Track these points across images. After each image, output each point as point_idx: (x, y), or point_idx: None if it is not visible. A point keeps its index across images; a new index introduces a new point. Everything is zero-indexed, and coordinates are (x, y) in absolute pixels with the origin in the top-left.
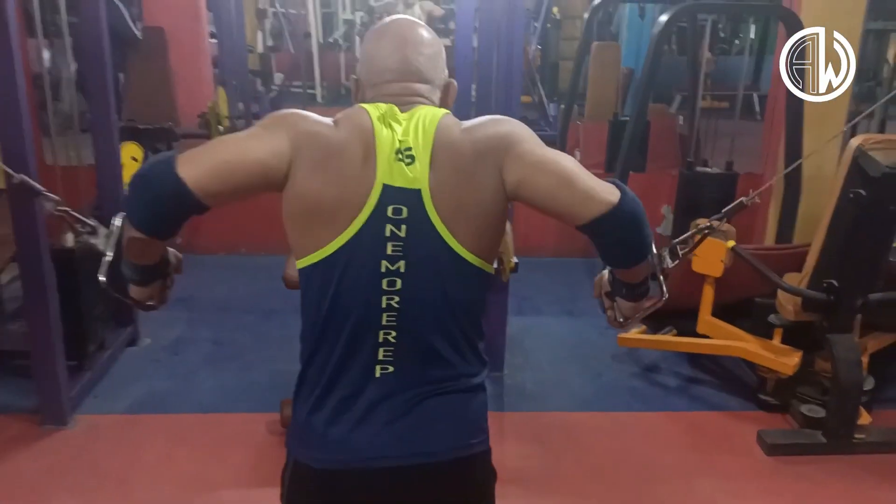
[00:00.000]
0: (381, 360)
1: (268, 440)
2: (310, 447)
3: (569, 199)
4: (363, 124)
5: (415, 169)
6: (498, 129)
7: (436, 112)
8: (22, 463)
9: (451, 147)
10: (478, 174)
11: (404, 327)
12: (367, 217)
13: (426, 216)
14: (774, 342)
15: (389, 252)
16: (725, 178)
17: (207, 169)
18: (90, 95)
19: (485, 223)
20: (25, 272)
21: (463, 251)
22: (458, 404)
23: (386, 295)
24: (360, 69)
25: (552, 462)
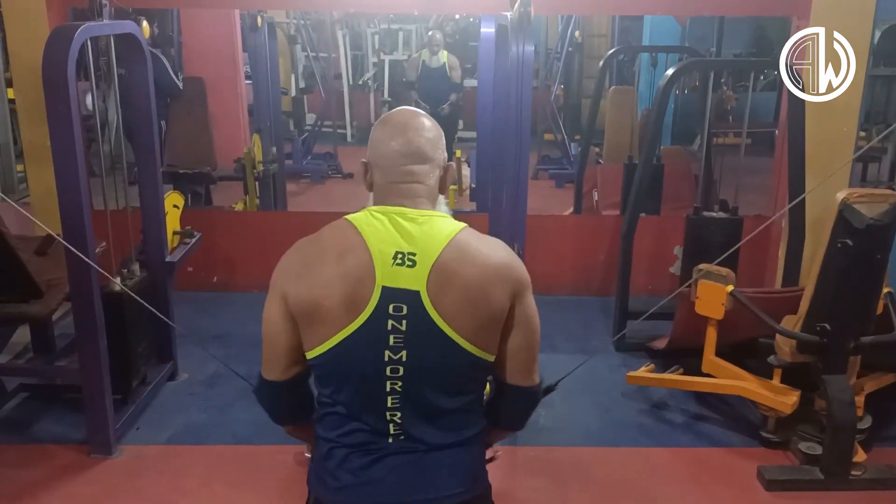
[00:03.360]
0: (389, 434)
1: (295, 471)
2: (327, 488)
3: (518, 359)
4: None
5: (414, 272)
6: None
7: (455, 226)
8: (73, 489)
9: (464, 261)
10: (489, 289)
11: (408, 406)
12: (370, 314)
13: (426, 313)
14: (774, 382)
15: (392, 343)
16: (730, 222)
17: (274, 365)
18: (137, 146)
19: (487, 323)
20: (78, 312)
21: (462, 341)
22: (458, 456)
23: (390, 380)
24: (369, 153)
25: (559, 495)
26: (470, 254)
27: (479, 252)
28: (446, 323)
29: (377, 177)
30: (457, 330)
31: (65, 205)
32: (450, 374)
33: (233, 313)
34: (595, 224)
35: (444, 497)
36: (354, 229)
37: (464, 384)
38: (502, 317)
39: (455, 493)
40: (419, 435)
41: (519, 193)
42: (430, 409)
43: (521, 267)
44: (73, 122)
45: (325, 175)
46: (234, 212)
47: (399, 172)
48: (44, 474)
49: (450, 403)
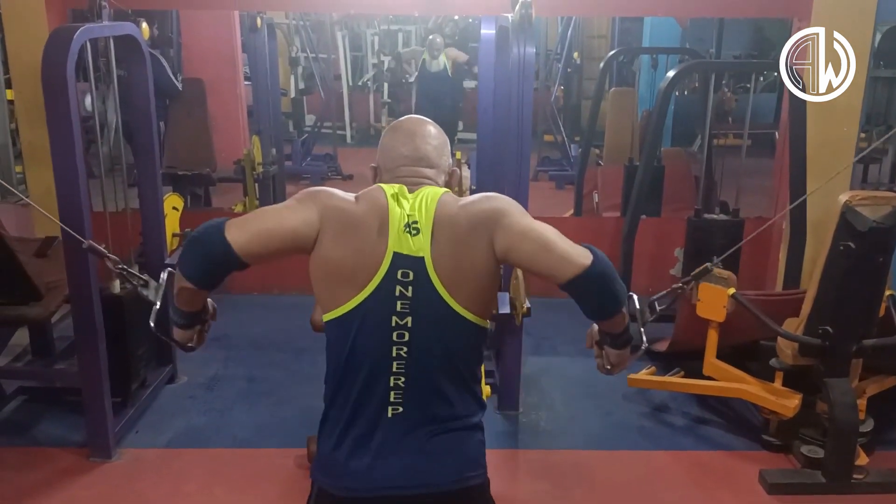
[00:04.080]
0: (392, 402)
1: (296, 474)
2: (333, 477)
3: (548, 262)
4: (379, 201)
5: (419, 239)
6: (490, 204)
7: (437, 191)
8: (72, 493)
9: (449, 221)
10: (472, 243)
11: (412, 374)
12: (381, 279)
13: (429, 279)
14: (776, 385)
15: (399, 309)
16: (731, 224)
17: (250, 234)
18: (136, 147)
19: (479, 285)
20: (77, 315)
21: (460, 309)
22: (460, 442)
23: (396, 345)
24: (378, 158)
25: (560, 499)
26: (454, 211)
27: (461, 207)
28: (445, 289)
29: (386, 179)
30: (454, 296)
31: (64, 206)
32: (448, 342)
33: (232, 315)
34: (596, 226)
35: (446, 483)
36: (385, 198)
37: (462, 354)
38: (490, 268)
39: (456, 479)
40: (420, 407)
41: (520, 195)
42: (432, 381)
43: (495, 200)
44: (72, 124)
45: (325, 176)
46: (233, 213)
47: (407, 172)
48: (43, 477)
49: (451, 373)
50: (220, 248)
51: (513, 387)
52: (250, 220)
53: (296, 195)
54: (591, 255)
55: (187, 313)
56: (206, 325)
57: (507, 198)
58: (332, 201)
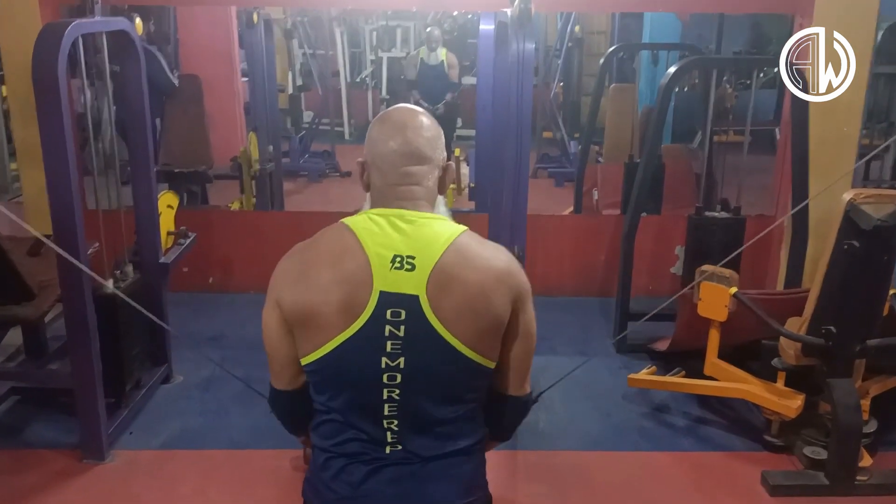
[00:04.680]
0: (387, 442)
1: (292, 476)
2: (322, 500)
3: (516, 370)
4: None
5: (413, 276)
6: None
7: (455, 229)
8: (65, 496)
9: (465, 265)
10: (490, 294)
11: (405, 415)
12: (367, 319)
13: (425, 319)
14: (778, 385)
15: (389, 350)
16: (733, 223)
17: (280, 374)
18: (130, 145)
19: (489, 330)
20: (69, 316)
21: (462, 347)
22: (457, 466)
23: (387, 388)
24: (366, 151)
25: (559, 501)
26: (471, 258)
27: (480, 256)
28: (446, 329)
29: (375, 178)
30: (457, 336)
31: (55, 205)
32: (449, 382)
33: (229, 315)
34: (595, 224)
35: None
36: (351, 233)
37: (463, 392)
38: (503, 323)
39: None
40: (417, 445)
41: (519, 193)
42: (428, 417)
43: (522, 273)
44: (63, 121)
45: (323, 174)
46: (230, 211)
47: (397, 174)
48: (35, 480)
49: (449, 412)
50: (285, 399)
51: None
52: (272, 367)
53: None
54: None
55: None
56: None
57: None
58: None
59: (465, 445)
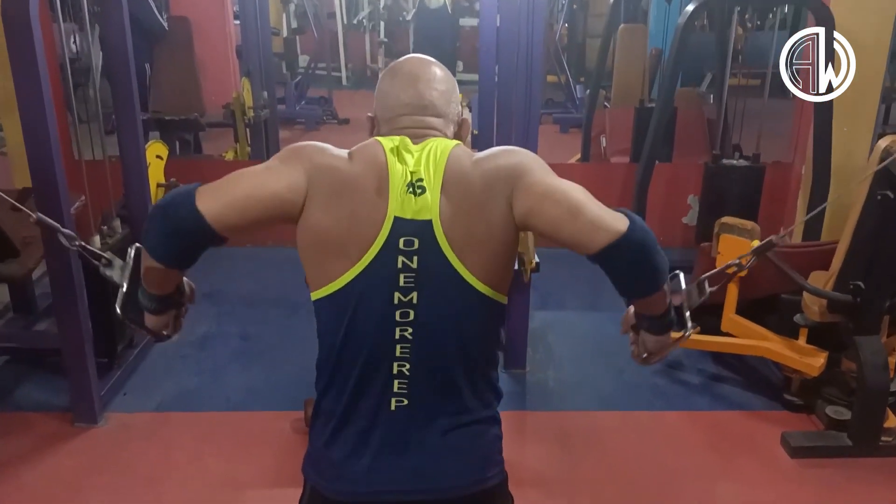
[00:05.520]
0: (395, 393)
1: (292, 439)
2: (326, 478)
3: (575, 228)
4: (377, 158)
5: (425, 200)
6: (508, 160)
7: (447, 143)
8: (56, 461)
9: (462, 178)
10: (488, 204)
11: (418, 359)
12: (379, 249)
13: (437, 247)
14: (800, 342)
15: (402, 283)
16: (752, 170)
17: (226, 203)
18: (114, 90)
19: (494, 253)
20: (54, 273)
21: (473, 280)
22: (473, 438)
23: (399, 326)
24: (375, 106)
25: (572, 464)
26: (468, 167)
27: (476, 163)
28: (458, 258)
29: (385, 131)
30: (468, 267)
31: (33, 156)
32: (461, 321)
33: (224, 269)
34: (604, 172)
35: (458, 487)
36: (384, 153)
37: (477, 335)
38: (508, 234)
39: (469, 481)
40: (428, 399)
41: (529, 140)
42: (441, 368)
43: (514, 154)
44: (37, 65)
45: (320, 121)
46: (224, 161)
47: (409, 123)
48: (24, 445)
49: (463, 358)
50: (191, 220)
51: (520, 345)
52: (226, 185)
53: (279, 153)
54: (626, 221)
55: (158, 297)
56: (182, 309)
57: (528, 152)
58: (322, 159)
59: (482, 414)
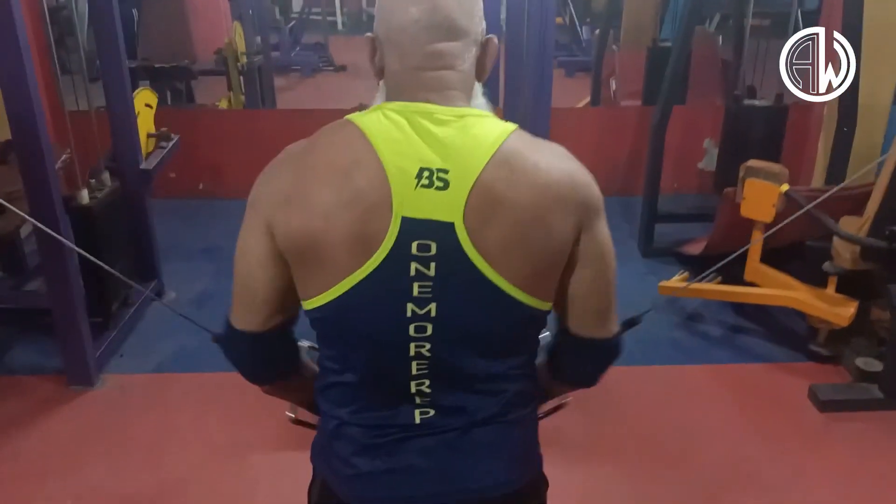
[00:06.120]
0: (418, 405)
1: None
2: (338, 476)
3: (588, 306)
4: (352, 143)
5: (448, 196)
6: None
7: (502, 130)
8: (52, 426)
9: (516, 180)
10: (549, 218)
11: (440, 375)
12: (386, 255)
13: (462, 253)
14: (828, 291)
15: (416, 293)
16: (775, 111)
17: (246, 306)
18: (98, 36)
19: (545, 263)
20: (40, 230)
21: (514, 290)
22: (505, 434)
23: (415, 342)
24: (377, 24)
25: (592, 423)
26: (523, 170)
27: (535, 167)
28: (489, 265)
29: (391, 60)
30: (504, 274)
31: (13, 107)
32: (494, 333)
33: (222, 223)
34: (615, 116)
35: (488, 487)
36: (362, 137)
37: (512, 344)
38: (565, 254)
39: (502, 481)
40: (454, 408)
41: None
42: (467, 377)
43: (589, 183)
44: (11, 8)
45: (316, 68)
46: (217, 110)
47: (422, 54)
48: (18, 410)
49: (493, 368)
50: (245, 343)
51: None
52: (237, 293)
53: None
54: (617, 327)
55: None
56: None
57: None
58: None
59: (514, 413)
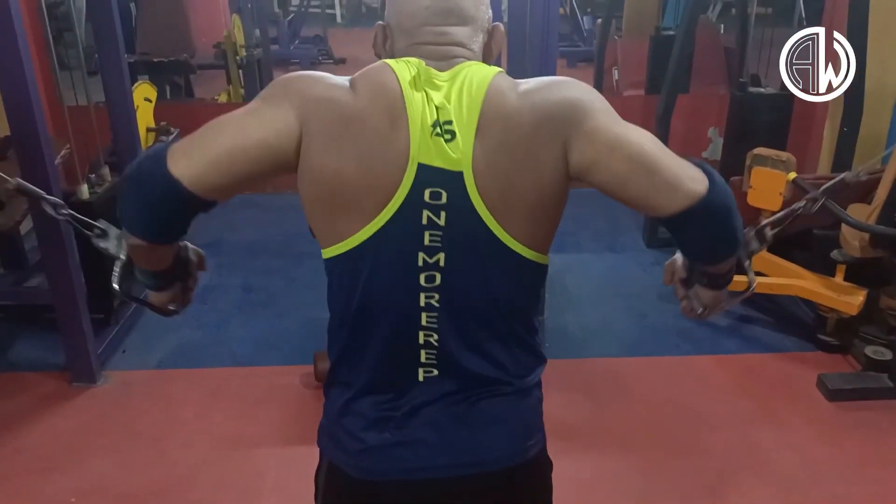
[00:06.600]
0: (423, 363)
1: (302, 394)
2: (346, 452)
3: (649, 188)
4: (388, 87)
5: (456, 146)
6: (566, 94)
7: (486, 73)
8: (55, 422)
9: (504, 117)
10: (536, 150)
11: (447, 328)
12: (402, 202)
13: (469, 202)
14: (837, 279)
15: (427, 242)
16: (781, 98)
17: (204, 163)
18: (96, 29)
19: (541, 209)
20: (40, 227)
21: (512, 242)
22: (511, 406)
23: (424, 292)
24: (387, 11)
25: (598, 413)
26: (513, 103)
27: (523, 95)
28: (492, 215)
29: (400, 43)
30: (504, 224)
31: (11, 102)
32: (495, 287)
33: (224, 217)
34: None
35: (496, 460)
36: (398, 83)
37: (514, 301)
38: (556, 190)
39: (509, 453)
40: (460, 366)
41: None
42: (474, 337)
43: (572, 87)
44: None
45: (315, 60)
46: (217, 104)
47: (433, 34)
48: (20, 406)
49: (499, 327)
50: (166, 189)
51: None
52: (201, 140)
53: (265, 90)
54: (706, 180)
55: (154, 273)
56: (189, 280)
57: (587, 87)
58: (315, 91)
59: (520, 383)
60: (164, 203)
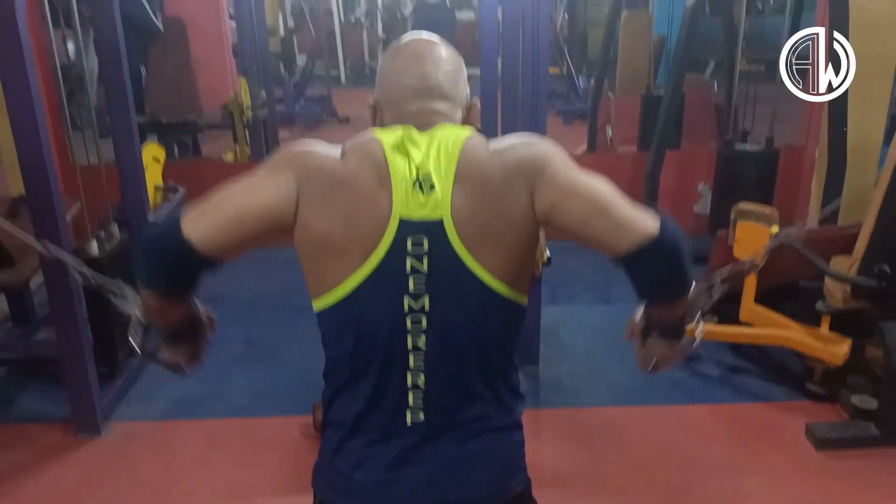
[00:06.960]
0: (412, 406)
1: (301, 444)
2: (336, 490)
3: (603, 227)
4: (374, 153)
5: (435, 196)
6: (530, 150)
7: (460, 133)
8: (59, 472)
9: (479, 169)
10: (507, 198)
11: (434, 369)
12: (386, 252)
13: (449, 246)
14: (822, 330)
15: (412, 289)
16: (766, 155)
17: (213, 224)
18: (108, 92)
19: (515, 250)
20: (51, 283)
21: (492, 280)
22: (495, 445)
23: (412, 335)
24: (377, 91)
25: (592, 461)
26: (485, 159)
27: (495, 154)
28: (471, 255)
29: (389, 118)
30: (484, 264)
31: (25, 161)
32: (478, 325)
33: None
34: (612, 162)
35: (482, 498)
36: (381, 149)
37: (496, 338)
38: (526, 229)
39: (493, 491)
40: (446, 408)
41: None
42: (460, 377)
43: (535, 145)
44: (25, 65)
45: (320, 119)
46: (223, 163)
47: (416, 107)
48: (25, 457)
49: (483, 365)
50: (176, 248)
51: (532, 341)
52: (211, 205)
53: (267, 160)
54: (657, 222)
55: (166, 329)
56: (199, 340)
57: (550, 142)
58: (312, 160)
59: (503, 421)
60: (176, 261)
